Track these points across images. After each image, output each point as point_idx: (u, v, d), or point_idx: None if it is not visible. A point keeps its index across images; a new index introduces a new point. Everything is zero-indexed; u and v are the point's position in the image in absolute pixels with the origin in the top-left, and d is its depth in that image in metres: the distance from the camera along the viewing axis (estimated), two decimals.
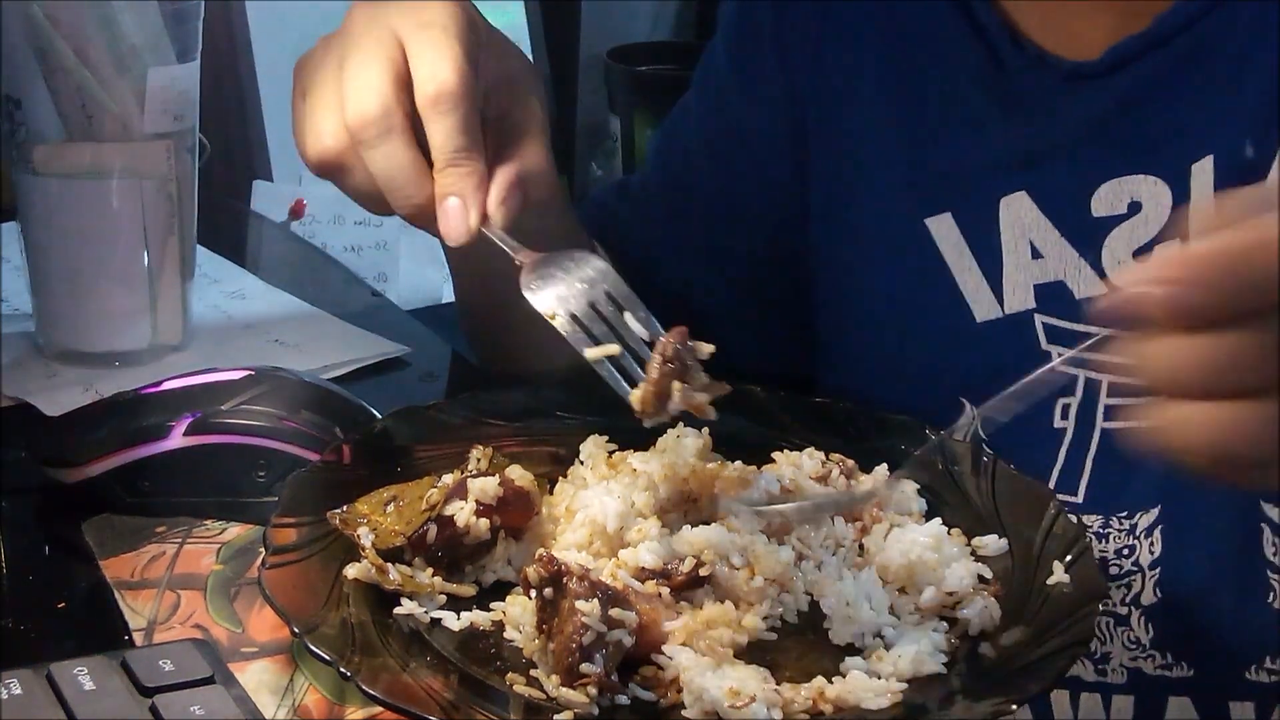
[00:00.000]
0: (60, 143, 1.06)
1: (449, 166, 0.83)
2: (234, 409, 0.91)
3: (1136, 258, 0.94)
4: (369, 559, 0.78)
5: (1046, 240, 0.97)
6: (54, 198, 1.07)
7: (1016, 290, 0.98)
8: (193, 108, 1.09)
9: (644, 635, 0.73)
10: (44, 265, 1.10)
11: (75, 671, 0.70)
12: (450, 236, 0.84)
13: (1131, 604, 0.96)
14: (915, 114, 1.03)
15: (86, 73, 1.04)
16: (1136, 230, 0.94)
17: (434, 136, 0.84)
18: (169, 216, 1.09)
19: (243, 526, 0.89)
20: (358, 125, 0.83)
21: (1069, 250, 0.96)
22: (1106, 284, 0.95)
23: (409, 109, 0.84)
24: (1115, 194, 0.95)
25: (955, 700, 0.71)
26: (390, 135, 0.83)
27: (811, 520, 0.81)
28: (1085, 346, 0.84)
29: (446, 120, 0.83)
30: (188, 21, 1.08)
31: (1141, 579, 0.96)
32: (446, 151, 0.83)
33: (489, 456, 0.84)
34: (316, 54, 0.89)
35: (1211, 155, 0.92)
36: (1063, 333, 0.96)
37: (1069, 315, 0.96)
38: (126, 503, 0.90)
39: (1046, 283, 0.97)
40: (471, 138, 0.84)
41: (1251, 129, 0.91)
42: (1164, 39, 0.93)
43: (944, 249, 1.00)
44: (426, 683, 0.71)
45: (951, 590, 0.78)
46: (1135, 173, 0.94)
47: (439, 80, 0.83)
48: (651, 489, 0.83)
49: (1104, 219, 0.95)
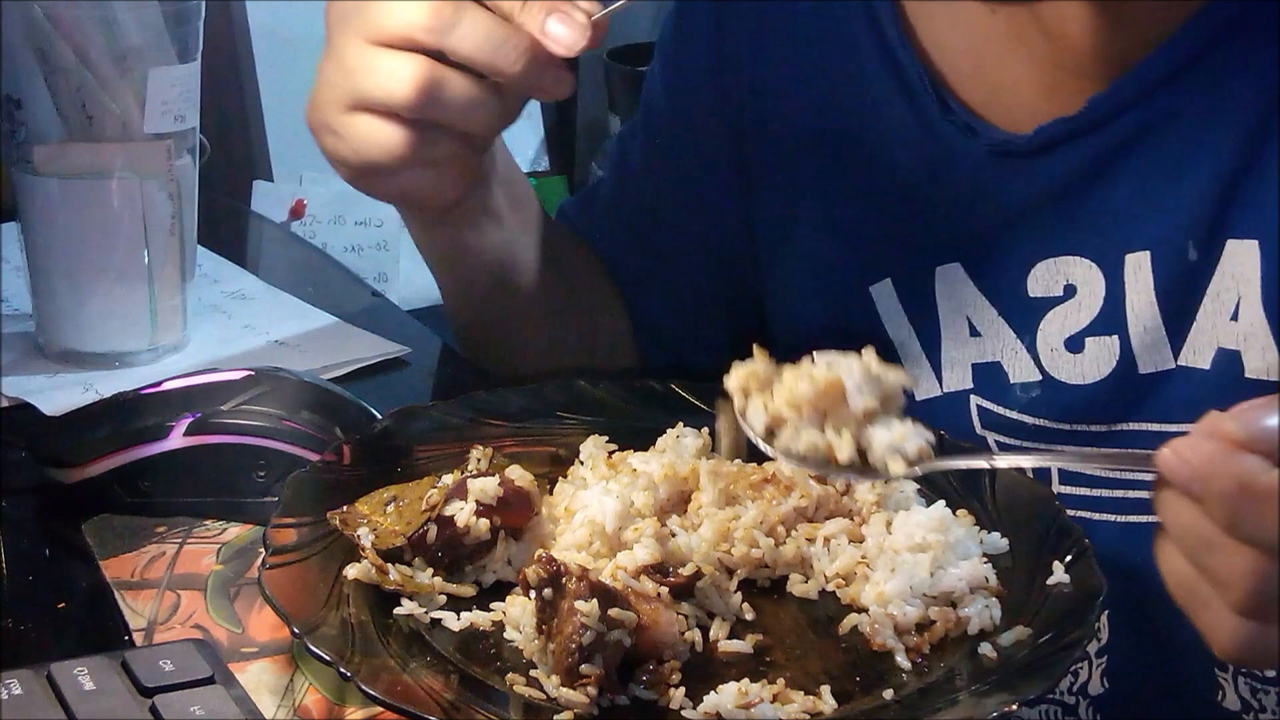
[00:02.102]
0: (60, 143, 1.06)
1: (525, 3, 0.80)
2: (234, 409, 0.91)
3: (1068, 346, 0.92)
4: (369, 559, 0.78)
5: (984, 319, 0.94)
6: (54, 198, 1.07)
7: (954, 368, 0.96)
8: (193, 108, 1.09)
9: (644, 635, 0.73)
10: (44, 265, 1.10)
11: (75, 671, 0.70)
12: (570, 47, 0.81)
13: (1079, 693, 0.95)
14: (850, 174, 0.99)
15: (86, 73, 1.04)
16: (1069, 316, 0.92)
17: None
18: (169, 216, 1.09)
19: (243, 526, 0.89)
20: (426, 18, 0.80)
21: (1006, 330, 0.94)
22: (1041, 371, 0.93)
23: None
24: (1050, 274, 0.92)
25: (955, 700, 0.71)
26: (464, 8, 0.80)
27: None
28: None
29: None
30: (188, 22, 1.08)
31: (1089, 667, 0.94)
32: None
33: (489, 456, 0.84)
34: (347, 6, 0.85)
35: (1148, 252, 0.89)
36: (997, 419, 0.94)
37: (1004, 400, 0.94)
38: (126, 503, 0.90)
39: (984, 363, 0.94)
40: None
41: (1193, 228, 0.88)
42: (1099, 123, 0.90)
43: (885, 319, 0.98)
44: (426, 683, 0.71)
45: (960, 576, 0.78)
46: (1070, 254, 0.91)
47: None
48: (651, 489, 0.83)
49: (1040, 299, 0.92)
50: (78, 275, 1.09)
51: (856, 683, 0.74)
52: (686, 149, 1.09)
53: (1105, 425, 0.92)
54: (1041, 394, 0.93)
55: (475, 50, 0.81)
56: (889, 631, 0.76)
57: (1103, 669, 0.94)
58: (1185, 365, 0.89)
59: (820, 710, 0.71)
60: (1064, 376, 0.92)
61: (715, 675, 0.73)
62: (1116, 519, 0.92)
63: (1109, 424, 0.92)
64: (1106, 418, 0.92)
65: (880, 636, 0.76)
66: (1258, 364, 0.87)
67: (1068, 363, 0.92)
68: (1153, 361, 0.90)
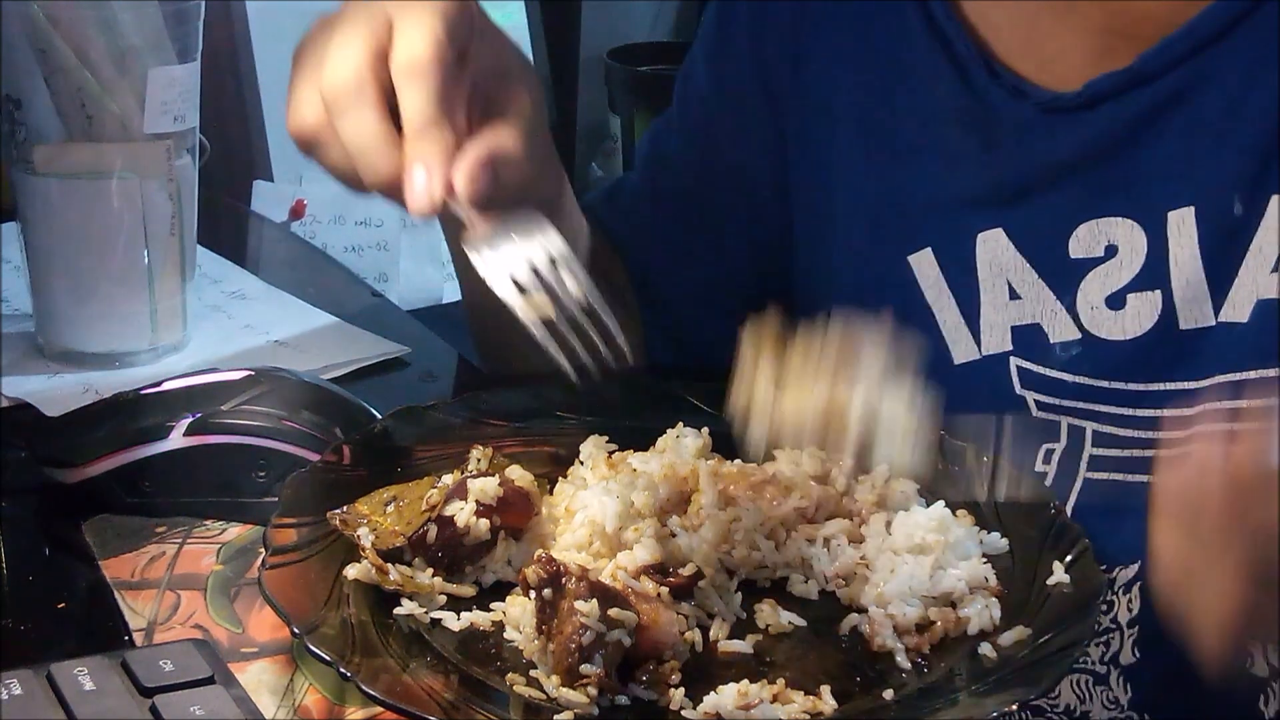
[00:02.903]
0: (60, 143, 1.06)
1: (417, 136, 0.81)
2: (234, 409, 0.91)
3: (1109, 304, 0.92)
4: (369, 559, 0.78)
5: (1024, 281, 0.95)
6: (54, 198, 1.07)
7: (994, 331, 0.96)
8: (193, 108, 1.09)
9: (644, 635, 0.73)
10: (44, 265, 1.10)
11: (75, 671, 0.70)
12: (414, 206, 0.81)
13: (1110, 663, 0.95)
14: (892, 145, 1.00)
15: (86, 73, 1.04)
16: (1110, 275, 0.92)
17: (404, 105, 0.82)
18: (169, 216, 1.09)
19: (243, 526, 0.89)
20: (330, 94, 0.82)
21: (1046, 292, 0.94)
22: (1081, 329, 0.93)
23: (386, 82, 0.82)
24: (1092, 235, 0.93)
25: (955, 700, 0.71)
26: (361, 103, 0.82)
27: None
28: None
29: (417, 89, 0.81)
30: (188, 21, 1.07)
31: (1120, 637, 0.94)
32: (416, 121, 0.81)
33: (489, 456, 0.84)
34: (311, 34, 0.88)
35: (1193, 207, 0.90)
36: (1036, 378, 0.95)
37: (1043, 360, 0.94)
38: (126, 503, 0.90)
39: (1023, 325, 0.95)
40: (441, 109, 0.82)
41: (1239, 184, 0.89)
42: (1147, 78, 0.91)
43: (924, 287, 0.98)
44: (426, 683, 0.71)
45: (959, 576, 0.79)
46: (1113, 215, 0.92)
47: (413, 50, 0.81)
48: (651, 489, 0.83)
49: (1080, 261, 0.93)
50: (78, 275, 1.09)
51: (856, 683, 0.74)
52: (726, 133, 1.09)
53: (1143, 384, 0.92)
54: (1082, 351, 0.93)
55: (349, 144, 0.82)
56: (889, 632, 0.76)
57: (1134, 639, 0.94)
58: (1225, 321, 0.90)
59: (820, 710, 0.71)
60: (1104, 333, 0.92)
61: (715, 675, 0.73)
62: (1147, 479, 0.91)
63: (1148, 382, 0.92)
64: (1146, 375, 0.92)
65: (880, 637, 0.76)
66: None
67: (1108, 319, 0.92)
68: (1194, 317, 0.91)
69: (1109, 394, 0.93)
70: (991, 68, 0.96)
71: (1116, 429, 0.93)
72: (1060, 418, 0.94)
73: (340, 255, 1.84)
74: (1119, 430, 0.93)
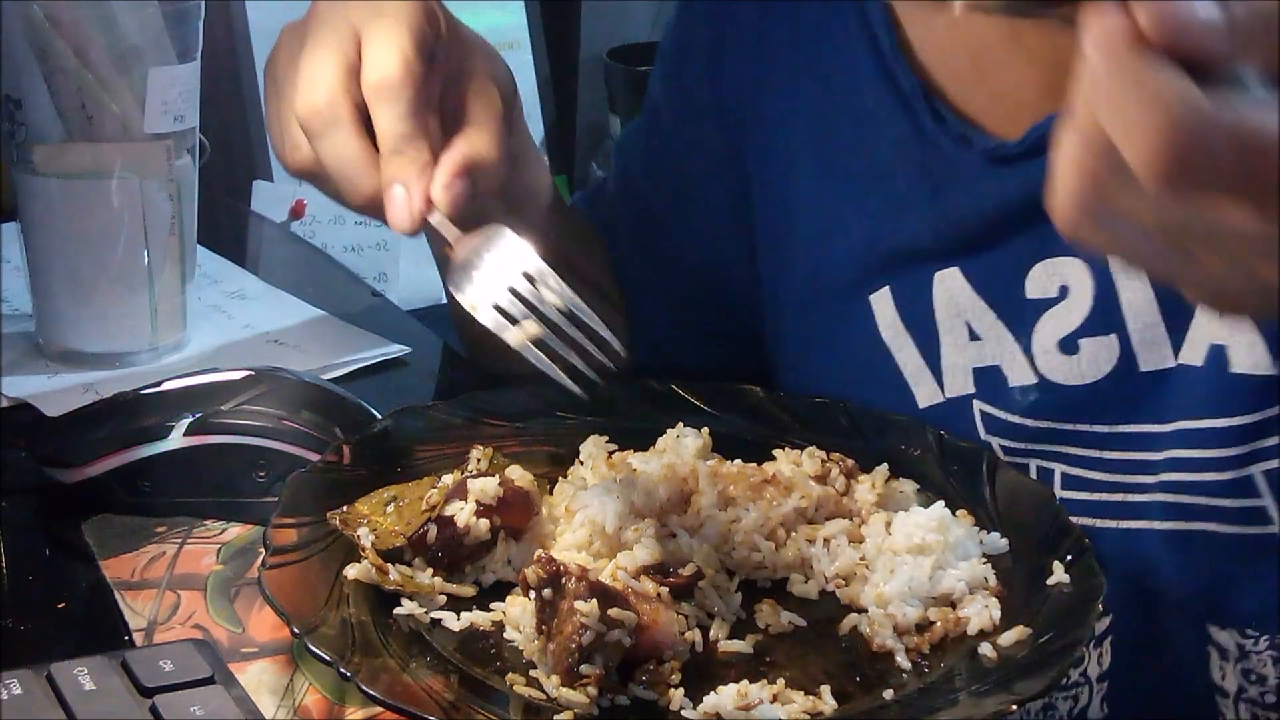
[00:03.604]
0: (60, 143, 1.06)
1: (393, 154, 0.82)
2: (234, 409, 0.91)
3: (1062, 348, 0.91)
4: (369, 559, 0.78)
5: (983, 322, 0.94)
6: (54, 198, 1.07)
7: (955, 373, 0.95)
8: (193, 108, 1.09)
9: (643, 635, 0.73)
10: (44, 265, 1.10)
11: (75, 671, 0.70)
12: (395, 224, 0.82)
13: (1078, 718, 0.95)
14: (846, 183, 0.99)
15: (86, 73, 1.04)
16: (1062, 318, 0.92)
17: (378, 124, 0.82)
18: (169, 216, 1.09)
19: (243, 526, 0.89)
20: (306, 117, 0.83)
21: (1005, 334, 0.93)
22: (1036, 373, 0.92)
23: (359, 99, 0.83)
24: (1047, 274, 0.92)
25: (955, 700, 0.71)
26: (337, 125, 0.82)
27: None
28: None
29: (390, 108, 0.82)
30: (188, 21, 1.07)
31: (1089, 691, 0.94)
32: (390, 139, 0.82)
33: (489, 456, 0.84)
34: (280, 49, 0.88)
35: None
36: (1000, 424, 0.94)
37: (1004, 405, 0.94)
38: (126, 503, 0.90)
39: (984, 367, 0.94)
40: (416, 125, 0.82)
41: None
42: None
43: (883, 329, 0.97)
44: (426, 683, 0.71)
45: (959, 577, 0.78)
46: (1064, 254, 0.91)
47: (383, 68, 0.82)
48: (651, 489, 0.83)
49: (1036, 301, 0.92)
50: (78, 275, 1.09)
51: (856, 683, 0.74)
52: (686, 155, 1.09)
53: (1109, 425, 0.91)
54: (1039, 397, 0.92)
55: (328, 165, 0.84)
56: (889, 632, 0.76)
57: (1103, 694, 0.94)
58: (1184, 364, 0.89)
59: (820, 710, 0.71)
60: (1059, 378, 0.92)
61: (715, 675, 0.73)
62: (1117, 525, 0.91)
63: (1113, 424, 0.91)
64: (1109, 418, 0.91)
65: (880, 637, 0.76)
66: (1243, 359, 0.87)
67: (1062, 364, 0.92)
68: (1153, 360, 0.90)
69: (1074, 436, 0.92)
70: (937, 110, 0.95)
71: (1085, 471, 0.92)
72: (1028, 460, 0.93)
73: (340, 255, 1.83)
74: (1087, 473, 0.92)
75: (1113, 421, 0.91)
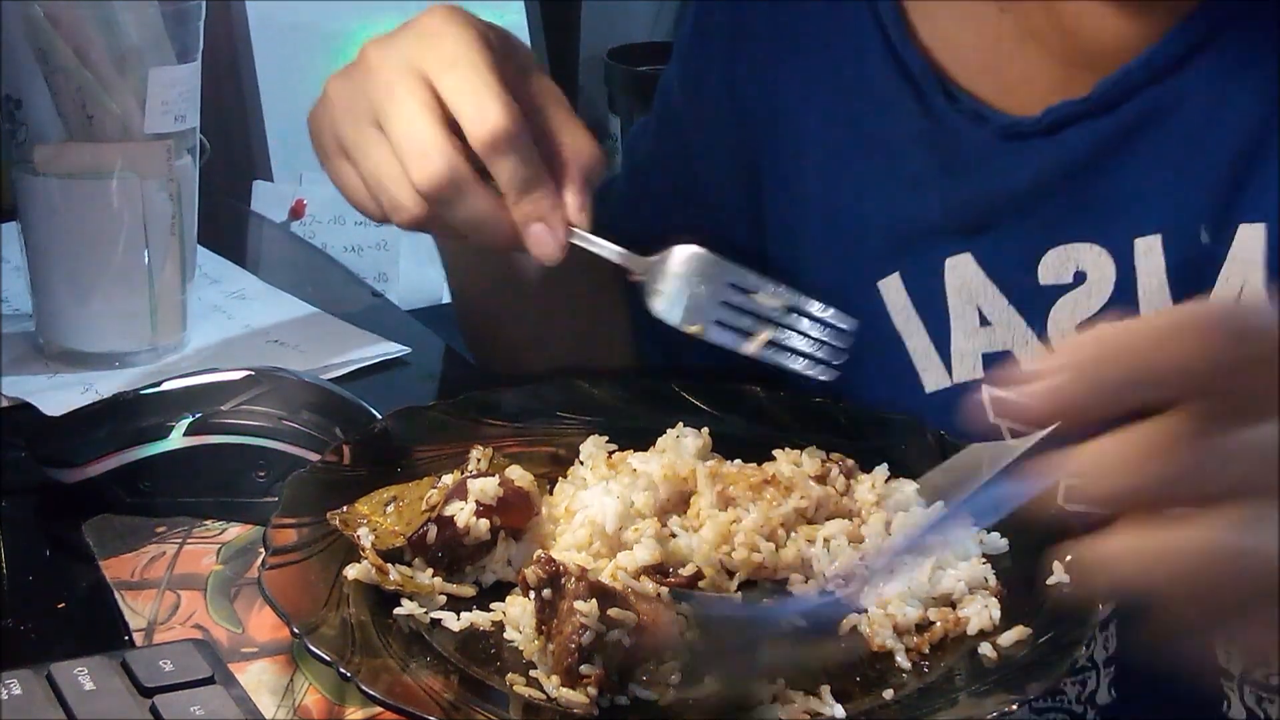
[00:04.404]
0: (60, 143, 1.06)
1: (522, 197, 0.85)
2: (234, 409, 0.91)
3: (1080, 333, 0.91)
4: (369, 559, 0.78)
5: (995, 308, 0.94)
6: (54, 198, 1.07)
7: (964, 359, 0.96)
8: (193, 108, 1.09)
9: (643, 635, 0.73)
10: (44, 265, 1.10)
11: (75, 671, 0.70)
12: (545, 259, 0.86)
13: (1087, 702, 0.94)
14: (858, 171, 1.00)
15: (86, 73, 1.04)
16: (1080, 302, 0.92)
17: (500, 176, 0.85)
18: (169, 216, 1.09)
19: (243, 526, 0.89)
20: (430, 190, 0.84)
21: (1017, 319, 0.94)
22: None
23: (467, 152, 0.84)
24: (1061, 261, 0.92)
25: (955, 700, 0.71)
26: (463, 190, 0.84)
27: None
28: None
29: (509, 159, 0.84)
30: (188, 21, 1.08)
31: (1097, 676, 0.94)
32: (516, 186, 0.85)
33: (489, 456, 0.84)
34: (336, 106, 0.88)
35: (1160, 235, 0.89)
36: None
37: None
38: (126, 503, 0.90)
39: (994, 352, 0.95)
40: (535, 165, 0.85)
41: (1205, 212, 0.88)
42: (1108, 106, 0.90)
43: (893, 314, 0.98)
44: (426, 683, 0.71)
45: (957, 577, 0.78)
46: (1080, 240, 0.91)
47: (490, 123, 0.83)
48: (651, 489, 0.83)
49: (1050, 287, 0.92)
50: (78, 275, 1.09)
51: (856, 683, 0.74)
52: (699, 146, 1.09)
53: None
54: None
55: (461, 226, 0.86)
56: (889, 632, 0.76)
57: (1110, 678, 0.94)
58: None
59: (820, 710, 0.71)
60: None
61: None
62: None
63: None
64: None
65: (880, 637, 0.76)
66: None
67: None
68: None
69: None
70: (949, 92, 0.95)
71: None
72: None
73: (340, 255, 1.83)
74: None
75: None
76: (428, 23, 0.87)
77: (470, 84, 0.84)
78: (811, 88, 1.02)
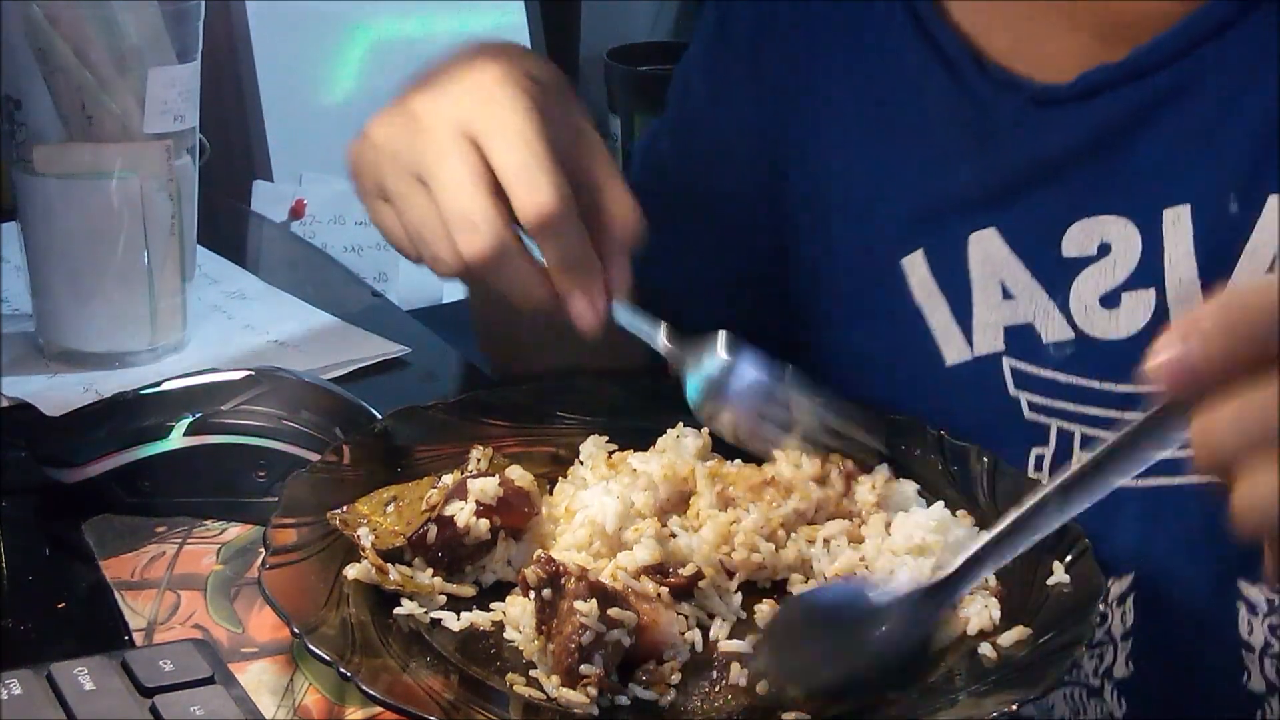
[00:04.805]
0: (60, 143, 1.06)
1: (566, 271, 0.86)
2: (234, 409, 0.91)
3: (1103, 303, 0.92)
4: (369, 559, 0.78)
5: (1017, 281, 0.94)
6: (54, 198, 1.07)
7: (986, 332, 0.95)
8: (193, 108, 1.09)
9: (643, 635, 0.73)
10: (44, 265, 1.10)
11: (75, 671, 0.70)
12: (584, 331, 0.87)
13: (1104, 676, 0.94)
14: (885, 148, 1.00)
15: (86, 73, 1.04)
16: (1104, 275, 0.91)
17: (547, 254, 0.86)
18: (169, 216, 1.09)
19: (243, 526, 0.89)
20: (474, 259, 0.84)
21: (1039, 292, 0.94)
22: (1074, 329, 0.93)
23: (511, 218, 0.84)
24: (1085, 234, 0.92)
25: (955, 700, 0.71)
26: (506, 260, 0.85)
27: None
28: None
29: (557, 241, 0.85)
30: (188, 21, 1.08)
31: (1114, 650, 0.94)
32: (562, 264, 0.86)
33: (489, 456, 0.84)
34: (382, 151, 0.88)
35: (1189, 205, 0.89)
36: (1030, 378, 0.94)
37: (1036, 360, 0.94)
38: (126, 503, 0.90)
39: (1016, 325, 0.94)
40: (582, 244, 0.86)
41: (1235, 182, 0.88)
42: (1141, 73, 0.90)
43: (915, 289, 0.98)
44: (426, 683, 0.71)
45: None
46: (1106, 213, 0.91)
47: (540, 204, 0.83)
48: (651, 489, 0.83)
49: (1073, 260, 0.92)
50: (78, 275, 1.09)
51: None
52: (721, 136, 1.09)
53: (1133, 385, 0.92)
54: (1075, 351, 0.93)
55: (501, 289, 0.87)
56: None
57: (1128, 652, 0.94)
58: None
59: (820, 710, 0.71)
60: (1098, 333, 0.92)
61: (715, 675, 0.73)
62: (1139, 484, 0.91)
63: (1139, 383, 0.92)
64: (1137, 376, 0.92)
65: None
66: None
67: (1102, 318, 0.92)
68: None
69: (1098, 395, 0.92)
70: (980, 63, 0.96)
71: (1104, 433, 0.92)
72: (1051, 420, 0.93)
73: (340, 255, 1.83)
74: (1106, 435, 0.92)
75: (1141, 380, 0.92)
76: (479, 79, 0.87)
77: (522, 159, 0.83)
78: (837, 68, 1.02)
